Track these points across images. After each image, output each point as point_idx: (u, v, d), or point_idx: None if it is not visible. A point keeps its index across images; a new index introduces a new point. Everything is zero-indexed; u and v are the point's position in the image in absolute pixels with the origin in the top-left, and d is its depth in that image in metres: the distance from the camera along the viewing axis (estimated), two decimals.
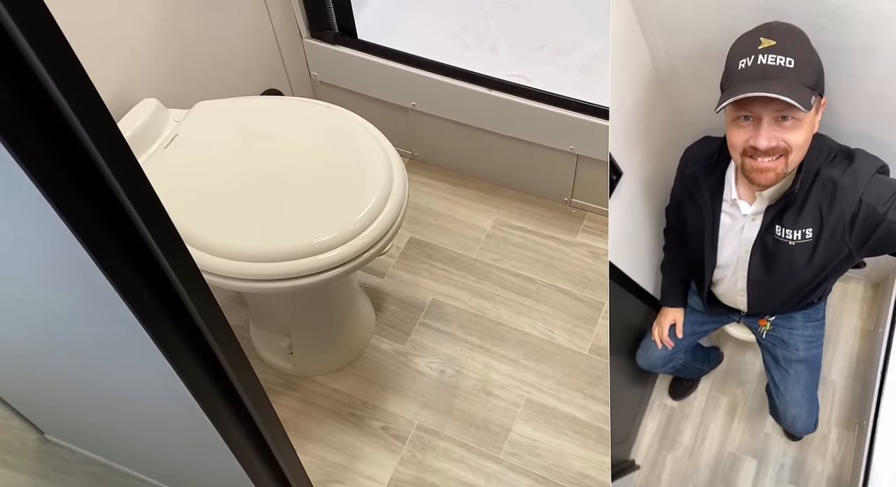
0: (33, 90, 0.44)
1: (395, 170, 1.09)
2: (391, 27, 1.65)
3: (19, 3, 0.40)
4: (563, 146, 1.44)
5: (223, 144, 1.08)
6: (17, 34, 0.40)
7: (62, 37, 0.43)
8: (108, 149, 0.48)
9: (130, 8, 1.05)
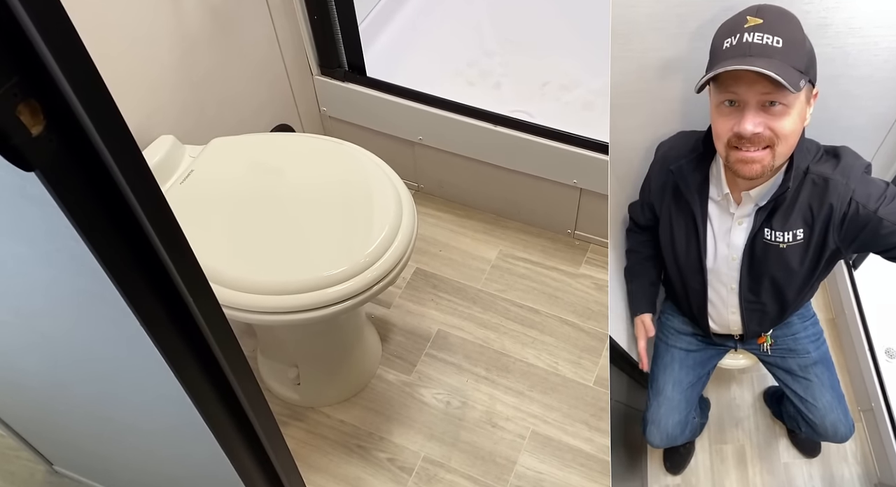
0: (74, 135, 0.47)
1: (404, 204, 1.11)
2: (398, 64, 1.70)
3: (70, 59, 0.43)
4: (567, 180, 1.48)
5: (236, 179, 1.12)
6: (67, 89, 0.43)
7: (105, 89, 0.46)
8: (142, 192, 0.51)
9: (149, 49, 1.09)
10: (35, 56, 0.43)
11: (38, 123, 0.45)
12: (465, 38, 1.77)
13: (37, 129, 0.45)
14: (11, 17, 0.41)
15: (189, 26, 1.16)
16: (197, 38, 1.19)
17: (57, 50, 0.42)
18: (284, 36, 1.41)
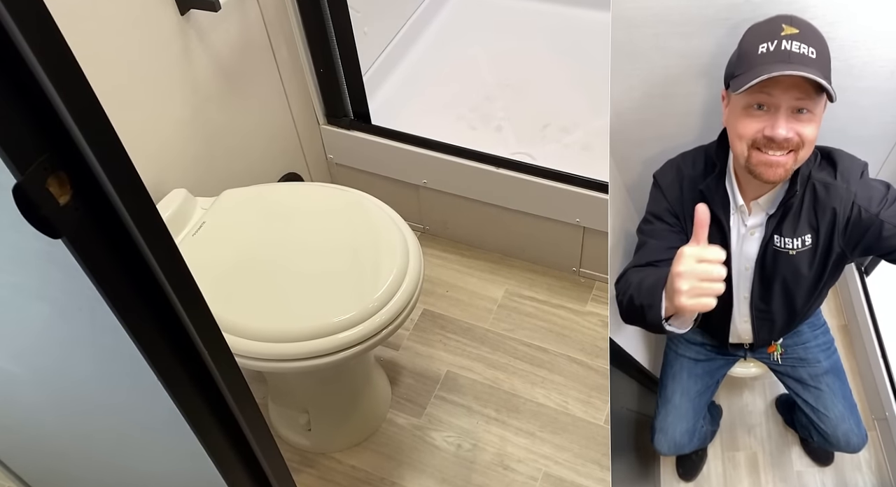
0: (98, 202, 0.50)
1: (410, 248, 1.14)
2: (402, 111, 1.75)
3: (97, 134, 0.46)
4: (569, 219, 1.50)
5: (246, 230, 1.15)
6: (93, 162, 0.46)
7: (129, 161, 0.49)
8: (161, 253, 0.53)
9: (162, 106, 1.14)
10: (64, 131, 0.46)
11: (66, 193, 0.48)
12: (466, 83, 1.82)
13: (64, 199, 0.48)
14: (44, 97, 0.45)
15: (200, 83, 1.21)
16: (208, 94, 1.24)
17: (85, 126, 0.45)
18: (292, 88, 1.47)
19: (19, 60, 0.42)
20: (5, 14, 0.41)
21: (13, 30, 0.41)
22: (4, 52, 0.42)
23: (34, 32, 0.42)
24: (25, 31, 0.41)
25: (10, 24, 0.42)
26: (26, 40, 0.42)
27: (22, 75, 0.43)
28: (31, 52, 0.42)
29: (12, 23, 0.40)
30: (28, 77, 0.43)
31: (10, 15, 0.41)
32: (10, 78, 0.43)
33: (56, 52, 0.43)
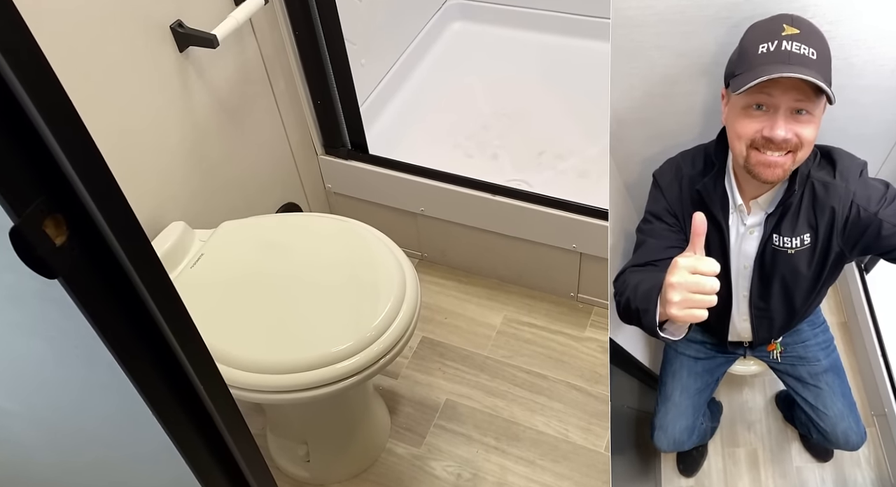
0: (94, 242, 0.51)
1: (407, 277, 1.14)
2: (399, 140, 1.78)
3: (94, 177, 0.47)
4: (566, 245, 1.51)
5: (244, 261, 1.16)
6: (90, 204, 0.47)
7: (125, 203, 0.50)
8: (155, 290, 0.54)
9: (161, 141, 1.16)
10: (60, 173, 0.48)
11: (62, 234, 0.49)
12: (462, 113, 1.85)
13: (60, 240, 0.49)
14: (40, 140, 0.46)
15: (199, 117, 1.23)
16: (207, 128, 1.26)
17: (81, 170, 0.46)
18: (290, 120, 1.49)
19: (16, 105, 0.44)
20: (1, 59, 0.43)
21: (9, 75, 0.43)
22: (1, 96, 0.43)
23: (31, 78, 0.44)
24: (22, 77, 0.42)
25: (6, 70, 0.43)
26: (23, 86, 0.43)
27: (19, 119, 0.44)
28: (28, 98, 0.43)
29: (8, 69, 0.42)
30: (25, 121, 0.45)
31: (6, 61, 0.43)
32: (6, 122, 0.44)
33: (53, 98, 0.44)
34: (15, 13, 0.41)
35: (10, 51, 0.42)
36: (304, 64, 1.45)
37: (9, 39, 0.41)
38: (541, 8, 1.98)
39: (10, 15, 0.41)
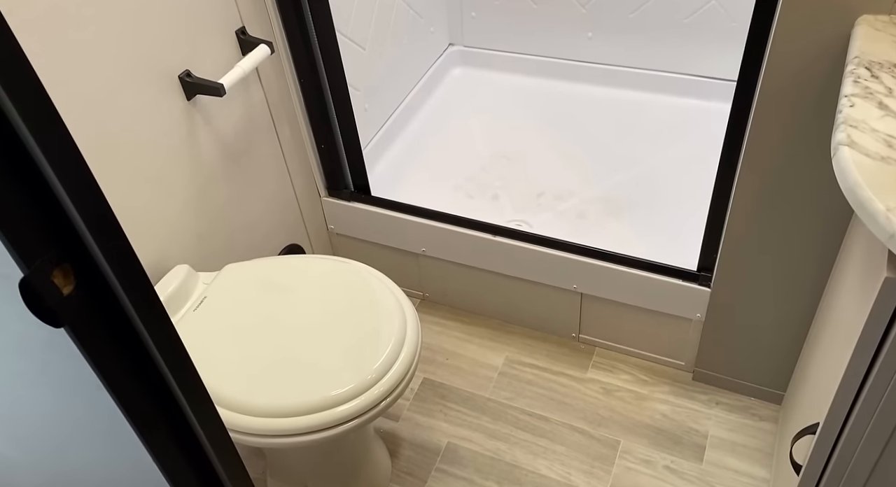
0: (100, 291, 0.52)
1: (408, 319, 1.15)
2: (401, 182, 1.81)
3: (103, 230, 0.49)
4: (567, 285, 1.52)
5: (247, 304, 1.17)
6: (99, 257, 0.49)
7: (133, 254, 0.51)
8: (160, 339, 0.55)
9: (168, 186, 1.19)
10: (69, 224, 0.49)
11: (70, 284, 0.50)
12: (463, 155, 1.88)
13: (68, 290, 0.50)
14: (50, 192, 0.48)
15: (205, 162, 1.26)
16: (212, 173, 1.29)
17: (91, 221, 0.48)
18: (294, 164, 1.52)
19: (27, 158, 0.46)
20: (15, 115, 0.45)
21: (22, 131, 0.44)
22: (14, 152, 0.45)
23: (44, 135, 0.45)
24: (36, 134, 0.44)
25: (20, 127, 0.45)
26: (36, 142, 0.45)
27: (29, 169, 0.46)
28: (41, 153, 0.45)
29: (22, 124, 0.44)
30: (35, 171, 0.46)
31: (22, 117, 0.45)
32: (18, 174, 0.46)
33: (66, 155, 0.46)
34: (28, 67, 0.43)
35: (25, 110, 0.44)
36: (309, 110, 1.49)
37: (22, 94, 0.43)
38: (539, 54, 2.04)
39: (23, 68, 0.43)
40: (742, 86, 1.09)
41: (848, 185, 0.68)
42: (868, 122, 0.73)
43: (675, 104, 1.92)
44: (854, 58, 0.82)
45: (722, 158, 1.19)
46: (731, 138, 1.15)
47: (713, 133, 1.78)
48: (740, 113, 1.12)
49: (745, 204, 1.17)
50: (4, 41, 0.41)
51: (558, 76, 2.04)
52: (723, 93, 1.86)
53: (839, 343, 0.88)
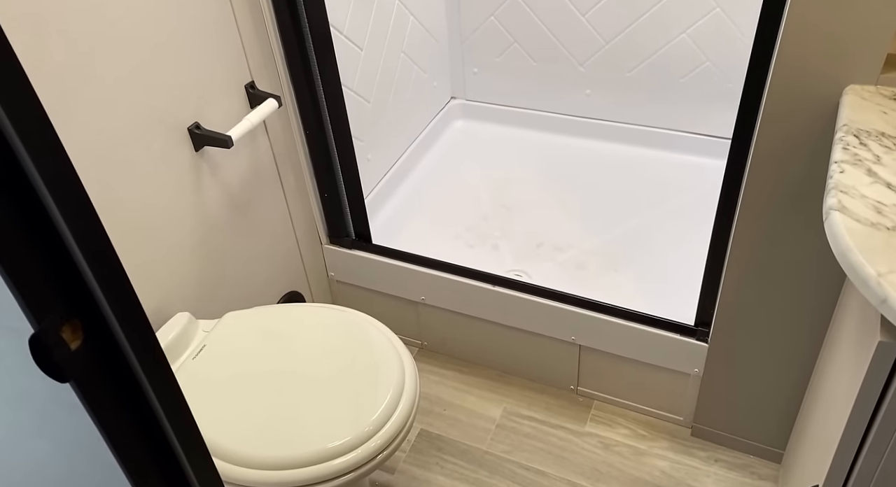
0: (107, 345, 0.53)
1: (406, 370, 1.15)
2: (401, 230, 1.83)
3: (114, 287, 0.50)
4: (565, 337, 1.52)
5: (246, 353, 1.17)
6: (108, 313, 0.50)
7: (141, 310, 0.52)
8: (163, 395, 0.55)
9: (173, 235, 1.20)
10: (81, 280, 0.50)
11: (78, 338, 0.51)
12: (463, 204, 1.91)
13: (75, 344, 0.51)
14: (65, 250, 0.49)
15: (210, 212, 1.28)
16: (217, 222, 1.31)
17: (103, 281, 0.49)
18: (297, 212, 1.55)
19: (45, 218, 0.47)
20: (35, 175, 0.46)
21: (41, 189, 0.46)
22: (30, 209, 0.47)
23: (61, 195, 0.47)
24: (56, 195, 0.46)
25: (38, 185, 0.47)
26: (55, 202, 0.47)
27: (45, 229, 0.48)
28: (59, 214, 0.46)
29: (42, 185, 0.45)
30: (50, 230, 0.48)
31: (40, 176, 0.46)
32: (32, 232, 0.47)
33: (82, 213, 0.48)
34: (48, 126, 0.45)
35: (44, 169, 0.46)
36: (314, 160, 1.52)
37: (42, 153, 0.45)
38: (538, 109, 2.10)
39: (44, 127, 0.45)
40: (736, 148, 1.12)
41: (840, 250, 0.70)
42: (858, 189, 0.75)
43: (673, 160, 1.96)
44: (843, 125, 0.85)
45: (717, 217, 1.22)
46: (726, 198, 1.18)
47: (709, 189, 1.82)
48: (734, 174, 1.15)
49: (740, 261, 1.19)
50: (27, 102, 0.43)
51: (557, 130, 2.09)
52: (718, 150, 1.90)
53: (836, 404, 0.88)
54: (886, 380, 0.70)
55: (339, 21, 1.57)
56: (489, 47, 2.05)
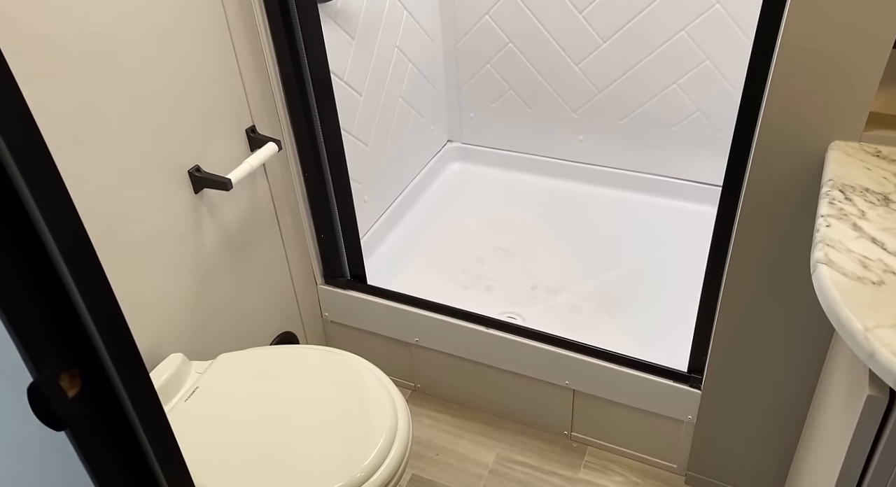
0: (103, 392, 0.54)
1: (399, 414, 1.15)
2: (396, 270, 1.84)
3: (116, 341, 0.51)
4: (559, 381, 1.52)
5: (237, 397, 1.16)
6: (104, 355, 0.50)
7: (140, 360, 0.53)
8: (159, 445, 0.56)
9: (169, 276, 1.21)
10: (81, 329, 0.51)
11: (75, 386, 0.51)
12: (458, 246, 1.93)
13: (73, 392, 0.51)
14: (67, 299, 0.50)
15: (207, 253, 1.29)
16: (213, 263, 1.31)
17: (103, 330, 0.50)
18: (293, 252, 1.56)
19: (53, 273, 0.48)
20: (42, 226, 0.47)
21: (49, 243, 0.47)
22: (37, 261, 0.48)
23: (72, 254, 0.48)
24: (64, 251, 0.47)
25: (47, 241, 0.48)
26: (62, 256, 0.48)
27: (48, 279, 0.48)
28: (66, 268, 0.47)
29: (52, 242, 0.47)
30: (54, 280, 0.49)
31: (49, 228, 0.47)
32: (36, 281, 0.48)
33: (88, 268, 0.49)
34: (56, 176, 0.46)
35: (54, 224, 0.47)
36: (311, 201, 1.54)
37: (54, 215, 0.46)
38: (533, 153, 2.14)
39: (53, 178, 0.46)
40: (725, 200, 1.15)
41: (827, 303, 0.71)
42: (844, 243, 0.77)
43: (664, 205, 1.99)
44: (828, 180, 0.87)
45: (708, 266, 1.23)
46: (717, 248, 1.20)
47: (701, 234, 1.84)
48: (724, 224, 1.17)
49: (732, 310, 1.20)
50: (36, 151, 0.45)
51: (551, 174, 2.12)
52: (709, 197, 1.94)
53: (828, 456, 0.88)
54: (876, 434, 0.71)
55: (340, 68, 1.61)
56: (485, 93, 2.10)
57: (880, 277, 0.72)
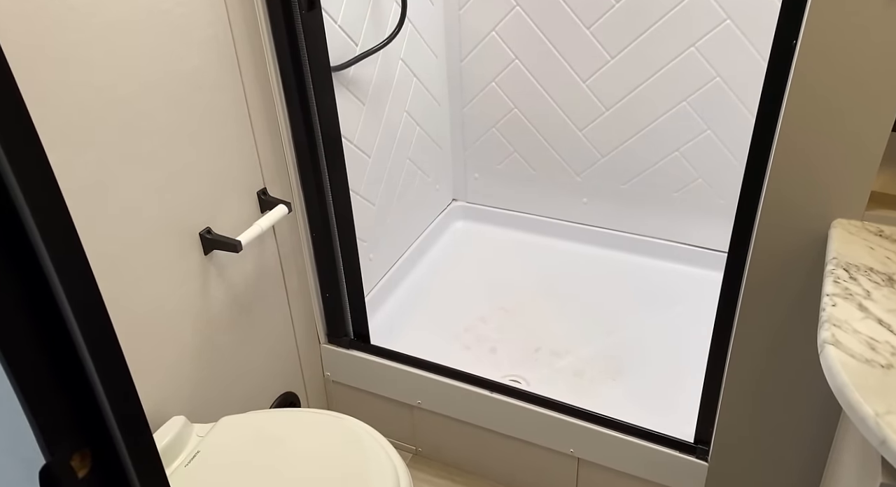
0: (109, 469, 0.53)
1: (401, 481, 1.12)
2: (400, 330, 1.83)
3: (130, 426, 0.51)
4: (563, 449, 1.49)
5: (238, 463, 1.14)
6: (122, 448, 0.50)
7: (153, 444, 0.53)
8: None
9: (175, 336, 1.21)
10: (96, 410, 0.51)
11: (86, 467, 0.51)
12: (462, 305, 1.93)
13: (83, 473, 0.51)
14: (84, 380, 0.50)
15: (213, 314, 1.30)
16: (219, 323, 1.32)
17: (119, 415, 0.50)
18: (297, 311, 1.56)
19: (73, 356, 0.49)
20: (66, 307, 0.48)
21: (73, 328, 0.48)
22: (58, 344, 0.48)
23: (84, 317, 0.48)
24: (89, 343, 0.47)
25: (69, 321, 0.48)
26: (83, 336, 0.48)
27: (65, 359, 0.49)
28: (87, 351, 0.48)
29: (77, 328, 0.47)
30: (72, 359, 0.49)
31: (73, 314, 0.48)
32: (54, 360, 0.48)
33: (107, 351, 0.49)
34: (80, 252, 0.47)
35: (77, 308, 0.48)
36: (318, 262, 1.56)
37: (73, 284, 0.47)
38: (537, 214, 2.17)
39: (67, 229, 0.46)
40: (730, 274, 1.16)
41: (836, 386, 0.71)
42: (850, 323, 0.78)
43: (667, 269, 2.00)
44: (833, 258, 0.89)
45: (713, 339, 1.23)
46: (721, 320, 1.20)
47: (706, 299, 1.85)
48: (729, 297, 1.17)
49: (738, 382, 1.19)
50: (60, 223, 0.46)
51: (555, 235, 2.15)
52: (713, 262, 1.95)
53: None
54: None
55: (350, 131, 1.66)
56: (490, 155, 2.14)
57: (888, 360, 0.72)
